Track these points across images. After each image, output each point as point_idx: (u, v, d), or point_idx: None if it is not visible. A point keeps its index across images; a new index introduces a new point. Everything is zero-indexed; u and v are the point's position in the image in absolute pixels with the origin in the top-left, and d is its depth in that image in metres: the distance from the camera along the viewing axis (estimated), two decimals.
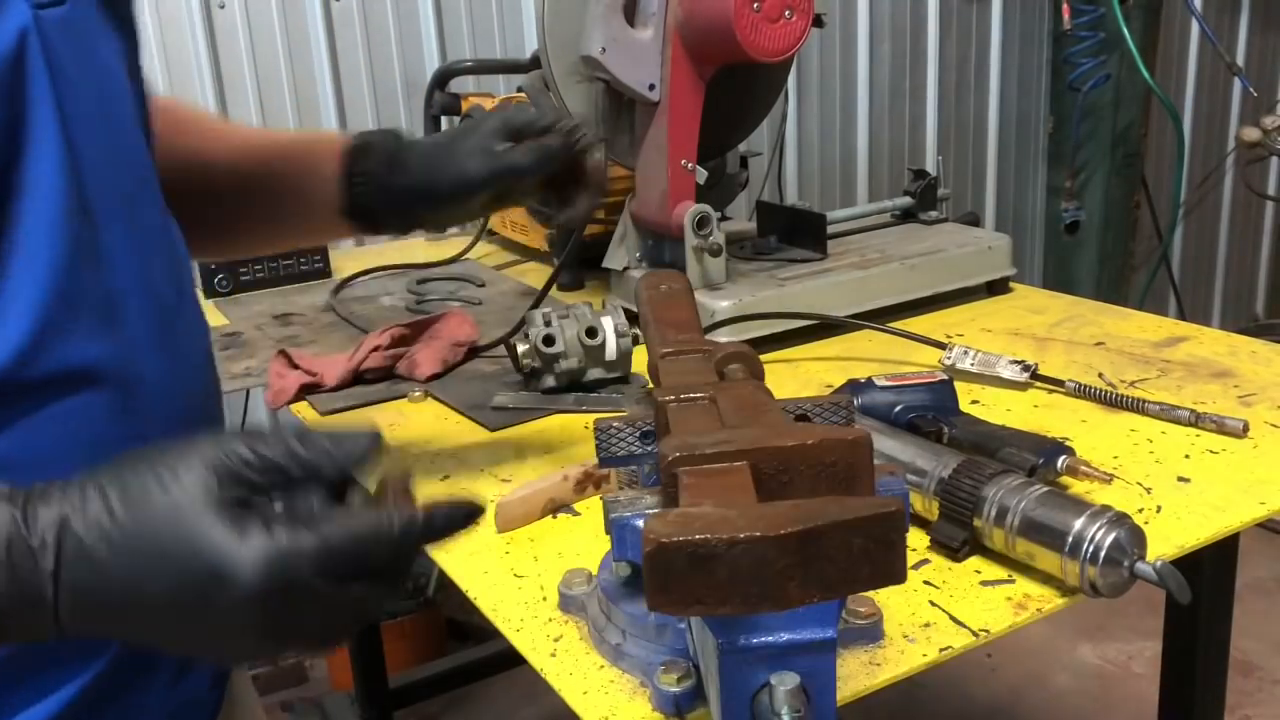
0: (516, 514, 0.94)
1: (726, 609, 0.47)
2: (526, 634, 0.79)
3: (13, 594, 0.53)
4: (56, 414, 0.68)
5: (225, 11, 2.12)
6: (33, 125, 0.67)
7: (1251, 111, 3.58)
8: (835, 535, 0.47)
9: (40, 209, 0.67)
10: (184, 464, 0.55)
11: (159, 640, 0.57)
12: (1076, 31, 3.02)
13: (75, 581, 0.53)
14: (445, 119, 2.05)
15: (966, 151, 3.21)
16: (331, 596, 0.55)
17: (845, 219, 1.65)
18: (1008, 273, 1.53)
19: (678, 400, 0.67)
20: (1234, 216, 3.80)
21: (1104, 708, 2.42)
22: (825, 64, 2.89)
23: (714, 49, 1.31)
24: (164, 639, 0.57)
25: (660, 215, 1.41)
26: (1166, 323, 1.37)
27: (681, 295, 0.89)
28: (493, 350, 1.33)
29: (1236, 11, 3.55)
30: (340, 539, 0.54)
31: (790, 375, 1.26)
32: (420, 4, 2.31)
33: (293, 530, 0.54)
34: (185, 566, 0.53)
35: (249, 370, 1.38)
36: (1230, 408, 1.09)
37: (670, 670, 0.68)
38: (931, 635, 0.76)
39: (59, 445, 0.68)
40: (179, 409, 0.77)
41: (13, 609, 0.53)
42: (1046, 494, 0.81)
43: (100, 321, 0.71)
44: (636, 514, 0.64)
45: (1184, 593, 0.74)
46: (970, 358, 1.21)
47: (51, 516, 0.54)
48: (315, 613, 0.55)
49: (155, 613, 0.54)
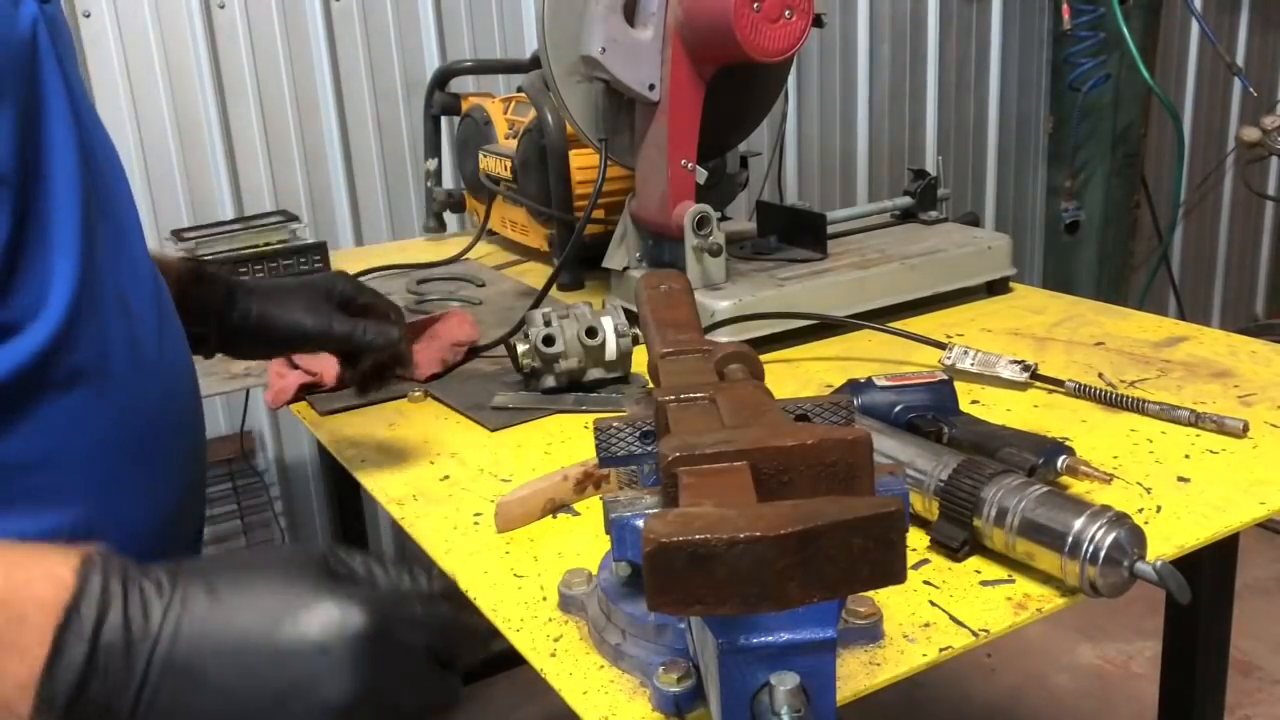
0: (516, 514, 0.94)
1: (726, 609, 0.47)
2: (526, 634, 0.79)
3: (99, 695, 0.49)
4: (64, 411, 0.68)
5: (225, 11, 2.12)
6: (49, 109, 0.67)
7: (1251, 111, 3.58)
8: (835, 535, 0.47)
9: (64, 195, 0.67)
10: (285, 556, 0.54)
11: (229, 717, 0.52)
12: (1076, 31, 3.02)
13: (171, 690, 0.49)
14: (445, 119, 2.06)
15: (966, 151, 3.20)
16: (422, 671, 0.54)
17: (845, 219, 1.65)
18: (1008, 273, 1.53)
19: (678, 400, 0.67)
20: (1234, 216, 3.80)
21: (1104, 708, 2.42)
22: (825, 64, 2.89)
23: (714, 49, 1.31)
24: (237, 711, 0.52)
25: (660, 215, 1.40)
26: (1166, 323, 1.37)
27: (681, 295, 0.89)
28: (493, 350, 1.33)
29: (1236, 11, 3.54)
30: (431, 609, 0.55)
31: (790, 375, 1.26)
32: (420, 4, 2.31)
33: (394, 593, 0.54)
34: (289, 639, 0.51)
35: (249, 370, 1.38)
36: (1230, 408, 1.09)
37: (670, 670, 0.68)
38: (931, 635, 0.76)
39: (65, 445, 0.68)
40: (171, 411, 0.77)
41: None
42: (1046, 494, 0.81)
43: (115, 317, 0.71)
44: (636, 514, 0.64)
45: (1184, 593, 0.74)
46: (970, 358, 1.21)
47: (157, 618, 0.50)
48: (402, 686, 0.53)
49: (248, 669, 0.51)
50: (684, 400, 0.67)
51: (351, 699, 0.51)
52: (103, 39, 2.02)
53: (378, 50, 2.27)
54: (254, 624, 0.51)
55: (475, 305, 1.60)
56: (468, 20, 2.38)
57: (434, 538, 0.94)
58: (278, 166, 2.22)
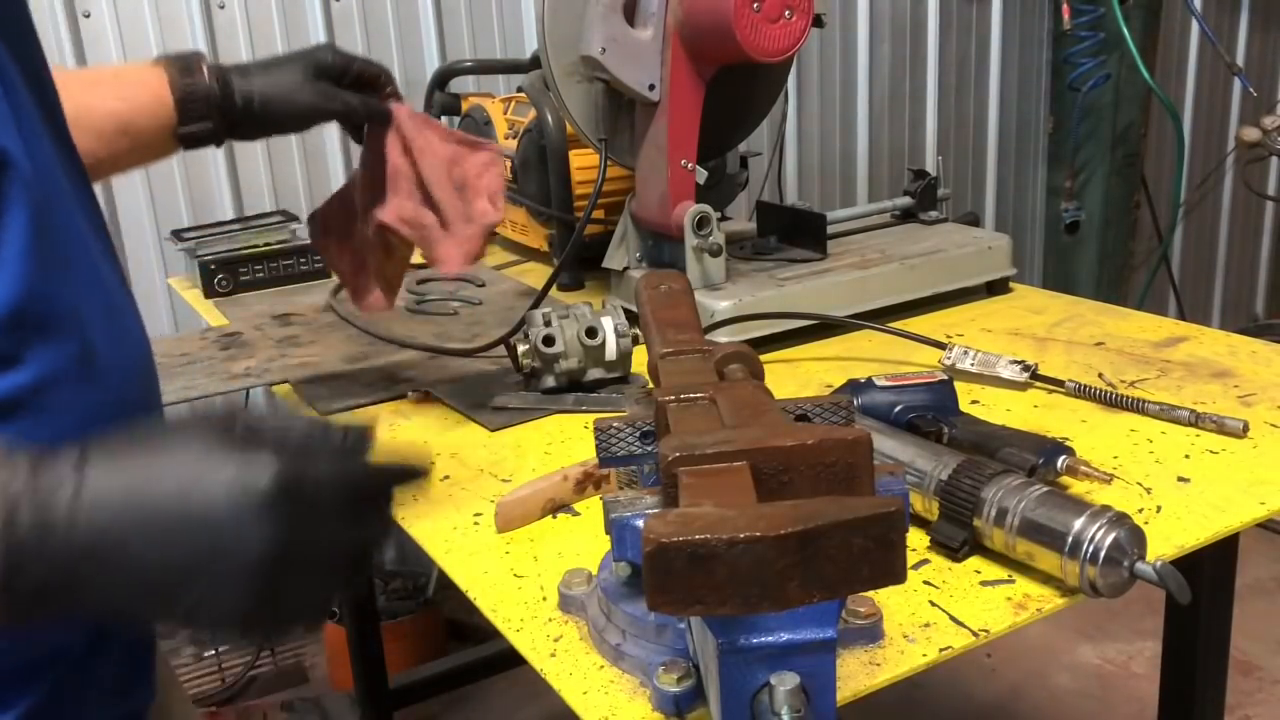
0: (516, 514, 0.94)
1: (726, 609, 0.47)
2: (526, 634, 0.79)
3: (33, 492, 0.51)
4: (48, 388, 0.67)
5: (225, 11, 2.12)
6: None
7: (1251, 111, 3.58)
8: (835, 535, 0.47)
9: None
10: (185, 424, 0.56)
11: (157, 585, 0.54)
12: (1076, 31, 3.02)
13: (97, 492, 0.52)
14: (445, 119, 2.06)
15: (966, 151, 3.21)
16: (335, 527, 0.55)
17: (845, 219, 1.65)
18: (1008, 273, 1.53)
19: (678, 400, 0.67)
20: (1234, 216, 3.80)
21: (1104, 708, 2.42)
22: (825, 64, 2.89)
23: (714, 49, 1.31)
24: (162, 578, 0.54)
25: (660, 215, 1.41)
26: (1166, 323, 1.37)
27: (681, 295, 0.89)
28: (493, 350, 1.33)
29: (1236, 11, 3.54)
30: (343, 458, 0.56)
31: (790, 375, 1.26)
32: (420, 4, 2.31)
33: (302, 448, 0.55)
34: (196, 481, 0.53)
35: (249, 370, 1.38)
36: (1230, 408, 1.09)
37: (670, 670, 0.68)
38: (931, 635, 0.76)
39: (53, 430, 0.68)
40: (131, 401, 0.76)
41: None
42: (1046, 494, 0.81)
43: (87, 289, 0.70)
44: (636, 514, 0.64)
45: (1184, 593, 0.74)
46: (970, 358, 1.21)
47: (73, 452, 0.53)
48: (321, 536, 0.55)
49: (163, 536, 0.52)
50: (684, 400, 0.67)
51: (271, 554, 0.53)
52: (103, 39, 2.03)
53: (378, 50, 2.27)
54: (164, 494, 0.53)
55: (475, 305, 1.60)
56: (468, 20, 2.38)
57: (434, 538, 0.94)
58: (278, 166, 2.22)
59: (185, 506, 0.52)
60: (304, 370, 1.36)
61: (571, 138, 1.57)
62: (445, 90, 2.01)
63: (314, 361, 1.39)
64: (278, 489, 0.53)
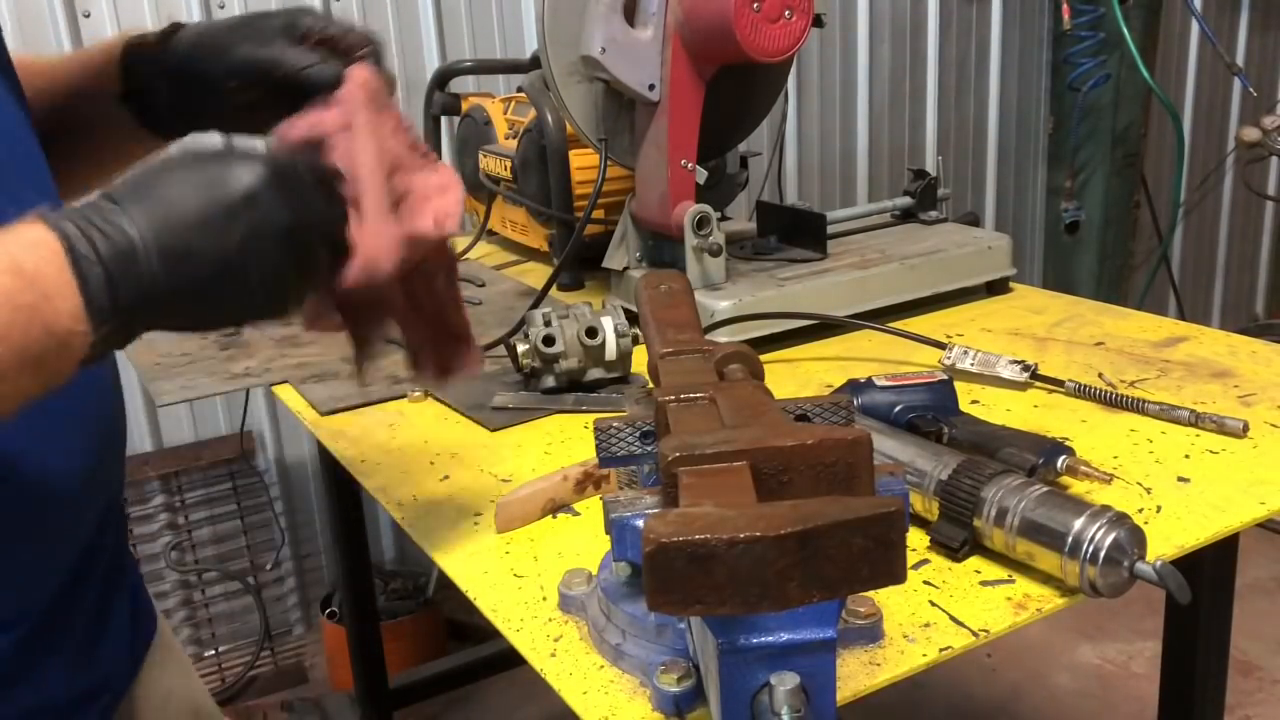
0: (516, 514, 0.94)
1: (726, 609, 0.47)
2: (526, 634, 0.79)
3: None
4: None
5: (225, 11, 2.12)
6: None
7: (1251, 111, 3.58)
8: (835, 535, 0.47)
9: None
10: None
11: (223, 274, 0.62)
12: (1076, 31, 3.02)
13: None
14: (445, 119, 2.06)
15: (966, 151, 3.21)
16: (318, 199, 0.66)
17: (845, 219, 1.65)
18: (1008, 273, 1.53)
19: (678, 400, 0.67)
20: (1234, 216, 3.80)
21: (1104, 708, 2.42)
22: (825, 64, 2.89)
23: (714, 49, 1.31)
24: (224, 269, 0.62)
25: (660, 215, 1.41)
26: (1166, 323, 1.37)
27: (681, 295, 0.89)
28: (493, 350, 1.33)
29: (1236, 11, 3.55)
30: (306, 154, 0.69)
31: (790, 375, 1.26)
32: (420, 4, 2.31)
33: (278, 155, 0.66)
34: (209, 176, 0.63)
35: (249, 370, 1.38)
36: (1230, 408, 1.09)
37: (670, 670, 0.68)
38: (931, 635, 0.76)
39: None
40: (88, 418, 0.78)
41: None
42: (1046, 494, 0.81)
43: None
44: (636, 514, 0.64)
45: (1184, 593, 0.74)
46: (970, 358, 1.21)
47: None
48: (313, 207, 0.65)
49: (221, 226, 0.61)
50: (684, 400, 0.67)
51: (292, 221, 0.64)
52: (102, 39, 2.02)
53: None
54: (203, 199, 0.62)
55: (475, 305, 1.60)
56: (468, 20, 2.38)
57: (434, 538, 0.94)
58: None
59: (225, 201, 0.62)
60: (304, 370, 1.36)
61: (571, 138, 1.57)
62: (445, 90, 2.01)
63: (314, 361, 1.39)
64: (279, 172, 0.64)
